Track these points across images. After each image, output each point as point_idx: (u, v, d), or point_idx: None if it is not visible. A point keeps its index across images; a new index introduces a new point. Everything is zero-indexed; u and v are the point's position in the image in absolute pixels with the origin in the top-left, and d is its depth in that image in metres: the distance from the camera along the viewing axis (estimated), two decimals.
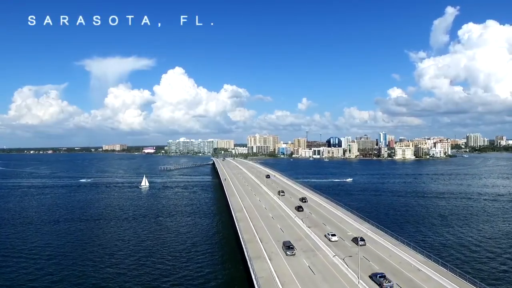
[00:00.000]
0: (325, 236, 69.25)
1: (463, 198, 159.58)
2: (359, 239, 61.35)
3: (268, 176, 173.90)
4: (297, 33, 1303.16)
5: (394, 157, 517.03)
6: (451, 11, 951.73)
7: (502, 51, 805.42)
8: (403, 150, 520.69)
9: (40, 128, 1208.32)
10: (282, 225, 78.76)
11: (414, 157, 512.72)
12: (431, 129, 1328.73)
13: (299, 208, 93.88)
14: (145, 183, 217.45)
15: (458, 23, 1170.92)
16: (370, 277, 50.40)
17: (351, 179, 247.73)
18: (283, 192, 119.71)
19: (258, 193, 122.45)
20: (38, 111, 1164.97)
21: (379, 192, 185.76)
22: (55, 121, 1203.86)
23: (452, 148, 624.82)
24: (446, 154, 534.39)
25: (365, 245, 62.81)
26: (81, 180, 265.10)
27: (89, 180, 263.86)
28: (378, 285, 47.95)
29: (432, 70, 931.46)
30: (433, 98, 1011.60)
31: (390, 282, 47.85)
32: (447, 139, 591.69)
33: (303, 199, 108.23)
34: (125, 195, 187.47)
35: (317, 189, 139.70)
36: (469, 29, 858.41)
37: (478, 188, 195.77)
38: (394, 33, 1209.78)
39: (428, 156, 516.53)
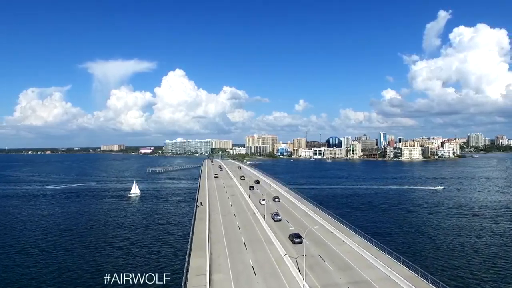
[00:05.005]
0: None
1: None
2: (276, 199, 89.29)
3: (239, 168, 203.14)
4: (294, 37, 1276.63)
5: (400, 157, 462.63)
6: (443, 15, 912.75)
7: (492, 53, 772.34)
8: (410, 151, 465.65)
9: (44, 129, 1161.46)
10: None
11: (422, 157, 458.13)
12: (424, 130, 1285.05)
13: None
14: (135, 190, 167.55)
15: (450, 26, 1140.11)
16: (271, 216, 69.52)
17: (442, 187, 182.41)
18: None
19: (252, 239, 55.31)
20: (42, 112, 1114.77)
21: None
22: (59, 122, 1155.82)
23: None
24: (455, 154, 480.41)
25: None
26: (48, 187, 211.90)
27: (58, 187, 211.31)
28: (272, 219, 68.04)
29: (425, 72, 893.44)
30: (426, 100, 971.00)
31: (279, 216, 68.88)
32: (454, 139, 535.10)
33: None
34: (93, 207, 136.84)
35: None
36: (460, 32, 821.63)
37: None
38: (388, 37, 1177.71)
39: (436, 157, 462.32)
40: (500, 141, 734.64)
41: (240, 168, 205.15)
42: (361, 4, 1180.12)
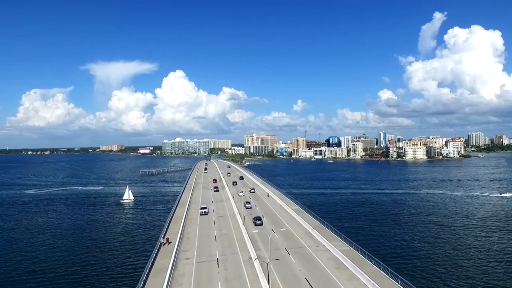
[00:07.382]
0: None
1: None
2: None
3: (229, 167, 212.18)
4: (291, 38, 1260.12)
5: (404, 157, 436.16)
6: (438, 17, 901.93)
7: (487, 54, 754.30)
8: (414, 150, 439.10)
9: (46, 130, 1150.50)
10: None
11: (426, 157, 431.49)
12: (420, 129, 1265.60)
13: None
14: (128, 196, 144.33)
15: (445, 28, 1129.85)
16: (244, 204, 78.07)
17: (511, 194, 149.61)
18: None
19: None
20: (45, 113, 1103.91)
21: None
22: (61, 123, 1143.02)
23: None
24: (460, 154, 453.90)
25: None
26: (27, 191, 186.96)
27: (38, 191, 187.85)
28: (245, 206, 76.83)
29: (421, 73, 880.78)
30: (422, 100, 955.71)
31: (250, 204, 78.59)
32: (458, 138, 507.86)
33: None
34: (66, 218, 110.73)
35: None
36: (455, 34, 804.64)
37: None
38: (384, 39, 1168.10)
39: (441, 157, 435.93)
40: (500, 140, 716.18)
41: (230, 167, 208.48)
42: (357, 6, 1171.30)
